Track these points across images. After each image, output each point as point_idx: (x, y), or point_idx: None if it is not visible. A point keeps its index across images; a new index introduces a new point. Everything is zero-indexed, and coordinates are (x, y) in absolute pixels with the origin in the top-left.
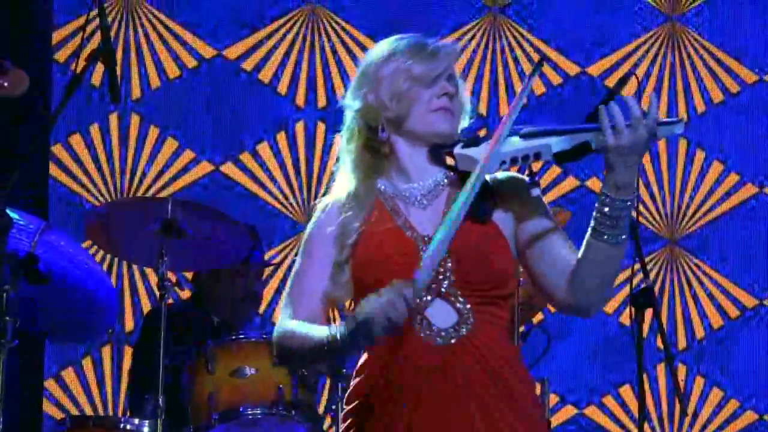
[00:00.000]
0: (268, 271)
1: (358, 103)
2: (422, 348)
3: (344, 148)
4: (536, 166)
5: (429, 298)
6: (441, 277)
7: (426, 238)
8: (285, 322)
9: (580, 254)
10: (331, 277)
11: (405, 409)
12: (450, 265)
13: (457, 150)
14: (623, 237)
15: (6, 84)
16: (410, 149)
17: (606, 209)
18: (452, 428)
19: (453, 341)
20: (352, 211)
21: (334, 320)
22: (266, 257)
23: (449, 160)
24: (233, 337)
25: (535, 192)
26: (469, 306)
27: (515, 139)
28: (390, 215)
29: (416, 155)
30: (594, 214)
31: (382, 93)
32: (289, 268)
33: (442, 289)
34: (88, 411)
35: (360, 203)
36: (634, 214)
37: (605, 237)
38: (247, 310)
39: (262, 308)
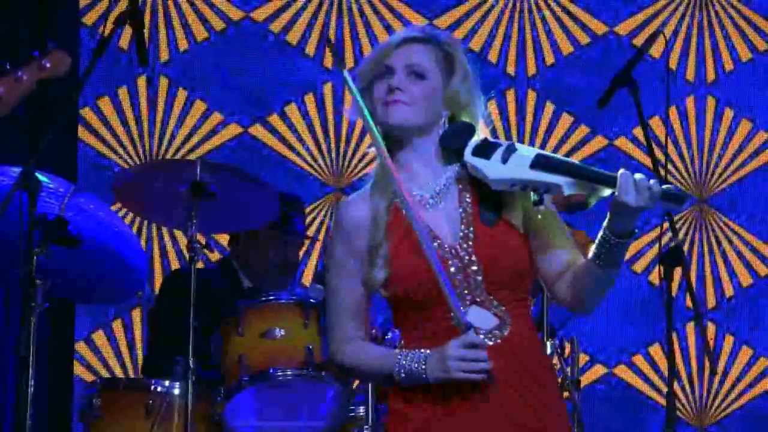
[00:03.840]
0: (308, 242)
1: None
2: None
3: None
4: None
5: (464, 309)
6: (473, 285)
7: (452, 251)
8: (344, 345)
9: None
10: (363, 273)
11: (449, 408)
12: (479, 277)
13: (467, 157)
14: (616, 271)
15: (48, 65)
16: (410, 149)
17: (606, 246)
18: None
19: (499, 341)
20: (374, 226)
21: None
22: None
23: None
24: (263, 299)
25: (539, 209)
26: (503, 308)
27: (528, 161)
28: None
29: (422, 153)
30: (595, 246)
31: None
32: (317, 231)
33: (477, 299)
34: (119, 373)
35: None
36: (662, 172)
37: (601, 265)
38: (283, 279)
39: None
